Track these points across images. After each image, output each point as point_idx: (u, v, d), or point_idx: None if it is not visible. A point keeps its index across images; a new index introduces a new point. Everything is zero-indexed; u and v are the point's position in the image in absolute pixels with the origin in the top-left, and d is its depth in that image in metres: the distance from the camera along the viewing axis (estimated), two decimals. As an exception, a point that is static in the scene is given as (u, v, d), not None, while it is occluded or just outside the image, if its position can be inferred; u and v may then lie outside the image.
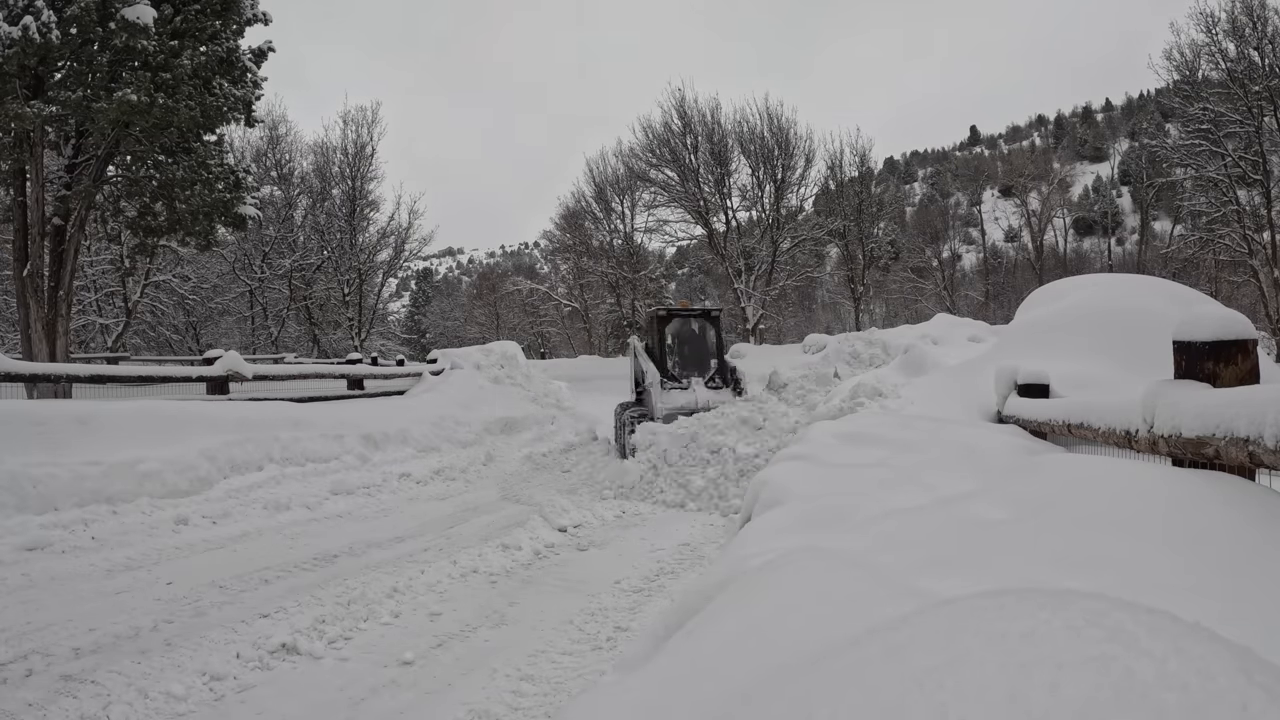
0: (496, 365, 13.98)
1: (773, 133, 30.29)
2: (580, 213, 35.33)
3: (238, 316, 29.34)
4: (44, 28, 10.03)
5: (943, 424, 4.09)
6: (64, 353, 11.88)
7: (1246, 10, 21.52)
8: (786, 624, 1.18)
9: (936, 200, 74.45)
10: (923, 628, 0.74)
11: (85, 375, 8.17)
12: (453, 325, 46.23)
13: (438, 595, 3.97)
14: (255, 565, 4.40)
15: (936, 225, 48.86)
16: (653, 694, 1.16)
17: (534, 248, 76.20)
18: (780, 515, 2.45)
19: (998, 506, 2.03)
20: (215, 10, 12.15)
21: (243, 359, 9.18)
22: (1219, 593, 1.31)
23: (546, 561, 4.81)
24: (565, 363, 26.99)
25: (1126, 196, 60.10)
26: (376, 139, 28.65)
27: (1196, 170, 24.08)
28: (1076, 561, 1.49)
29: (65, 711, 2.58)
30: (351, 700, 2.76)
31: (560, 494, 6.88)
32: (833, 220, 31.66)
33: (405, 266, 33.20)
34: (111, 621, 3.41)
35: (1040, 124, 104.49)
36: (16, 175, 11.48)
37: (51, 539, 4.67)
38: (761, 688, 0.92)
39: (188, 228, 13.28)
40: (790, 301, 37.67)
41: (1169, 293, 5.20)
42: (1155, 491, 1.81)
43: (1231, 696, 0.53)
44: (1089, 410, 2.94)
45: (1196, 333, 2.15)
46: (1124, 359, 4.16)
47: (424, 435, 9.45)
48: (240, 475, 6.71)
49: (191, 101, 11.43)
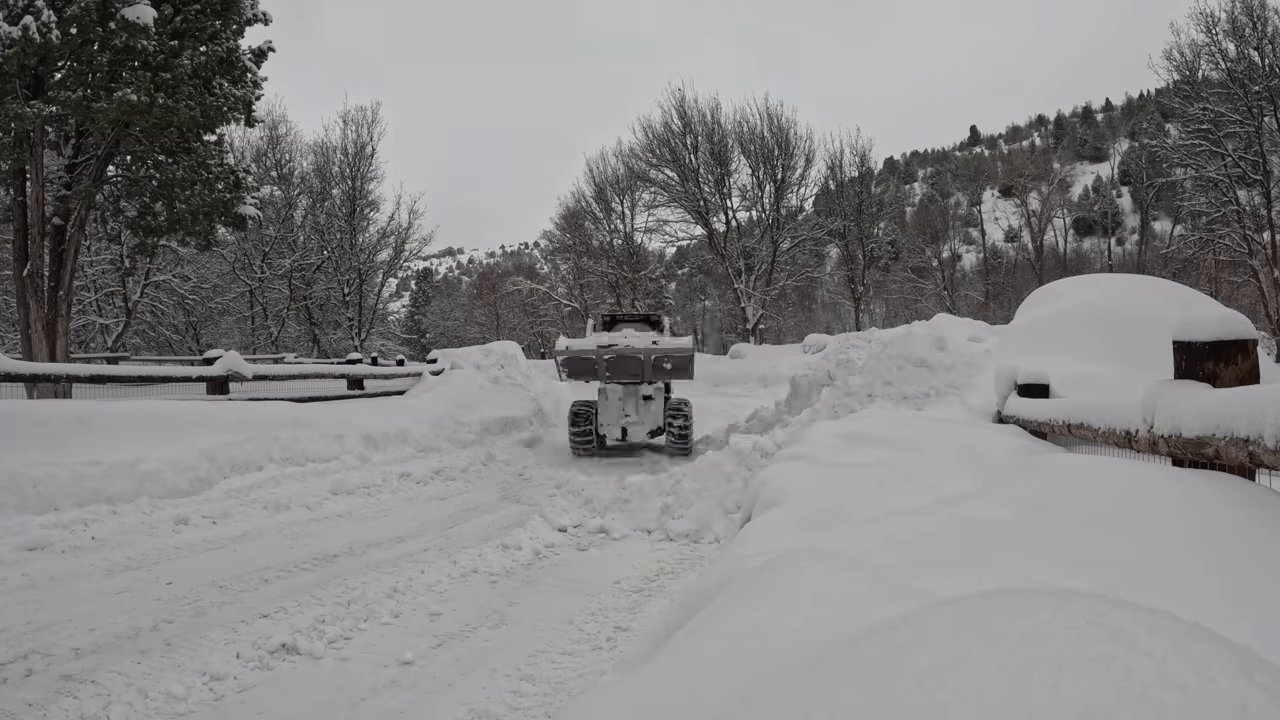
0: (496, 365, 13.98)
1: (773, 133, 30.33)
2: (580, 213, 35.37)
3: (238, 316, 29.36)
4: (44, 28, 10.03)
5: (943, 424, 4.09)
6: (64, 353, 11.88)
7: (1246, 10, 21.53)
8: (786, 624, 1.18)
9: (936, 200, 74.47)
10: (922, 628, 0.74)
11: (85, 375, 8.17)
12: (453, 325, 46.25)
13: (438, 595, 3.97)
14: (255, 565, 4.40)
15: (936, 225, 48.87)
16: (653, 694, 1.16)
17: (534, 248, 76.24)
18: (780, 515, 2.45)
19: (998, 506, 2.03)
20: (215, 10, 12.15)
21: (243, 359, 9.17)
22: (1219, 593, 1.31)
23: (546, 561, 4.81)
24: (565, 363, 26.95)
25: (1126, 196, 60.12)
26: (376, 139, 28.69)
27: (1196, 170, 24.09)
28: (1076, 561, 1.49)
29: (65, 711, 2.58)
30: (351, 700, 2.76)
31: (561, 493, 6.88)
32: (833, 220, 31.68)
33: (405, 266, 33.24)
34: (111, 621, 3.40)
35: (1040, 124, 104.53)
36: (16, 175, 11.48)
37: (51, 539, 4.67)
38: (761, 688, 0.92)
39: (188, 228, 13.28)
40: (790, 301, 37.69)
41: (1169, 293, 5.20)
42: (1155, 491, 1.81)
43: (1231, 696, 0.53)
44: (1089, 410, 2.94)
45: (1196, 333, 2.16)
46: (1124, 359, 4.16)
47: (424, 435, 9.44)
48: (240, 475, 6.71)
49: (191, 101, 11.43)
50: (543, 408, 12.78)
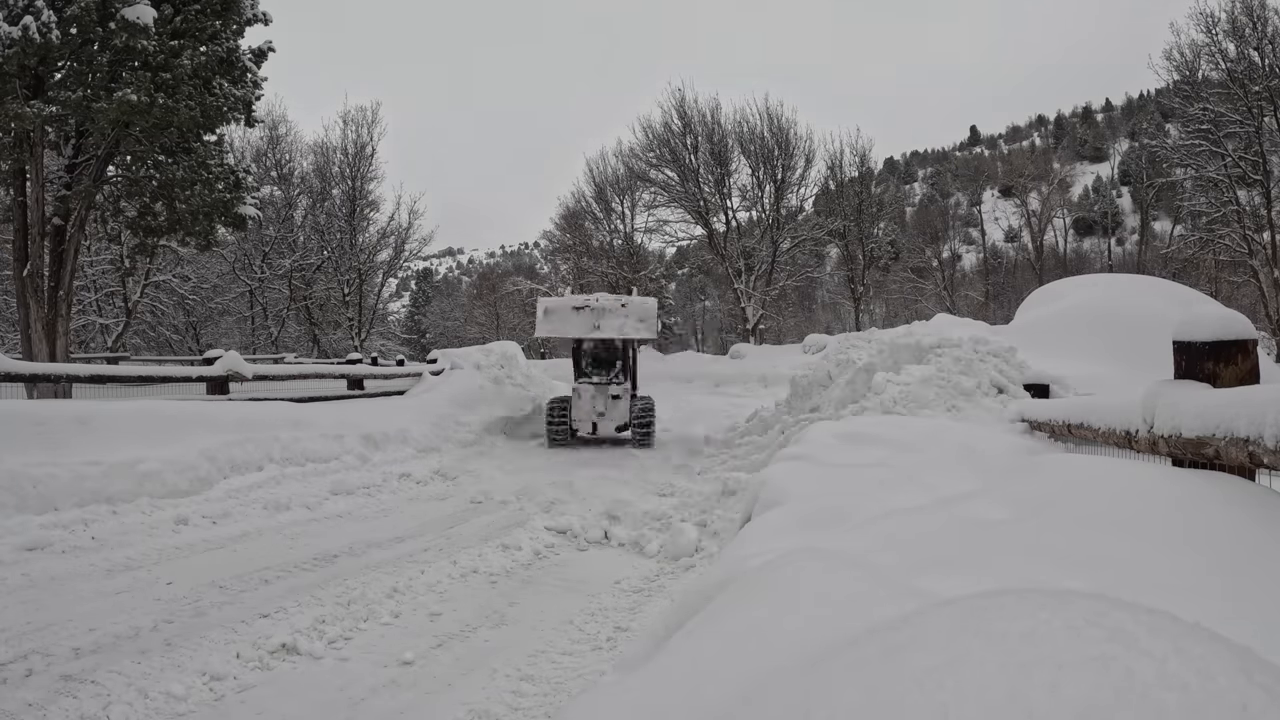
0: (496, 365, 13.97)
1: (773, 133, 30.32)
2: (580, 213, 35.35)
3: (238, 316, 29.36)
4: (44, 28, 10.04)
5: (943, 424, 4.09)
6: (64, 353, 11.88)
7: (1246, 10, 21.53)
8: (786, 624, 1.18)
9: (936, 200, 74.47)
10: (923, 628, 0.74)
11: (85, 375, 8.17)
12: (453, 325, 46.24)
13: (438, 595, 3.97)
14: (255, 565, 4.39)
15: (936, 225, 48.86)
16: (653, 694, 1.16)
17: (534, 248, 76.22)
18: (780, 515, 2.45)
19: (998, 506, 2.03)
20: (215, 10, 12.15)
21: (243, 359, 9.17)
22: (1219, 593, 1.31)
23: (546, 561, 4.81)
24: (565, 363, 26.99)
25: (1126, 196, 60.11)
26: (376, 139, 28.69)
27: (1196, 170, 24.10)
28: (1076, 561, 1.49)
29: (65, 711, 2.58)
30: (351, 700, 2.76)
31: (561, 492, 6.88)
32: (833, 220, 31.67)
33: (405, 266, 33.25)
34: (111, 621, 3.40)
35: (1040, 124, 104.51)
36: (16, 175, 11.49)
37: (51, 539, 4.66)
38: (761, 688, 0.92)
39: (188, 228, 13.29)
40: (790, 301, 37.69)
41: (1169, 293, 5.21)
42: (1155, 491, 1.81)
43: (1231, 696, 0.53)
44: (1089, 410, 2.95)
45: (1196, 333, 2.16)
46: (1124, 359, 4.17)
47: (424, 435, 9.44)
48: (240, 475, 6.71)
49: (191, 101, 11.44)
50: (542, 408, 12.79)
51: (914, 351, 6.47)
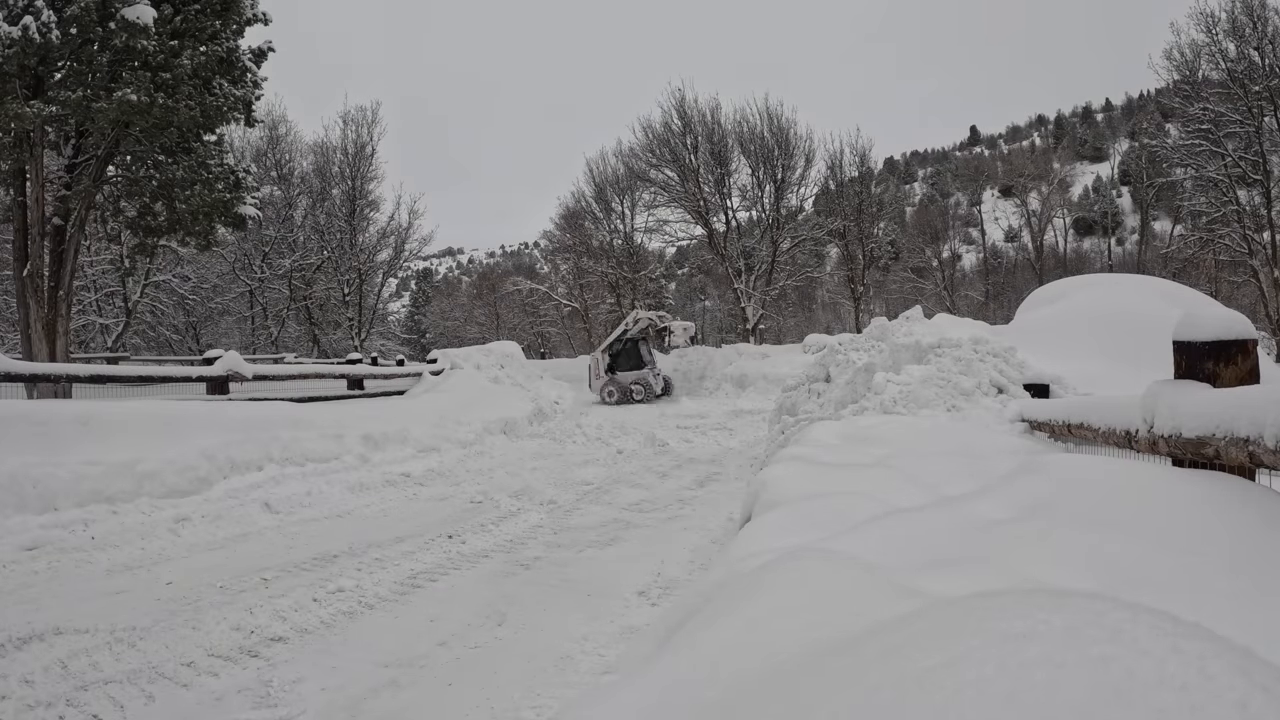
0: (496, 365, 13.98)
1: (773, 133, 30.29)
2: (580, 213, 35.33)
3: (238, 316, 29.37)
4: (44, 28, 10.04)
5: (943, 424, 4.09)
6: (64, 353, 11.88)
7: (1246, 10, 21.53)
8: (786, 624, 1.18)
9: (936, 200, 74.47)
10: (922, 628, 0.74)
11: (85, 375, 8.17)
12: (453, 325, 46.25)
13: (438, 595, 3.97)
14: (255, 565, 4.40)
15: (936, 225, 48.89)
16: (653, 694, 1.16)
17: (534, 248, 76.23)
18: (780, 515, 2.45)
19: (998, 506, 2.02)
20: (215, 10, 12.16)
21: (243, 359, 9.18)
22: (1219, 593, 1.31)
23: (547, 561, 4.81)
24: (565, 363, 27.01)
25: (1126, 196, 60.12)
26: (376, 139, 28.68)
27: (1196, 170, 24.10)
28: (1077, 562, 1.49)
29: (65, 712, 2.58)
30: (352, 700, 2.76)
31: (561, 491, 6.88)
32: (833, 220, 31.65)
33: (405, 266, 33.23)
34: (111, 621, 3.41)
35: (1040, 124, 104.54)
36: (16, 175, 11.49)
37: (51, 539, 4.67)
38: (761, 688, 0.92)
39: (188, 228, 13.29)
40: (790, 301, 37.68)
41: (1168, 293, 5.21)
42: (1155, 492, 1.81)
43: (1231, 696, 0.53)
44: (1089, 410, 2.95)
45: (1196, 333, 2.15)
46: (1124, 359, 4.17)
47: (424, 435, 9.44)
48: (240, 475, 6.71)
49: (191, 101, 11.44)
50: (542, 408, 12.79)
51: (914, 351, 6.48)
